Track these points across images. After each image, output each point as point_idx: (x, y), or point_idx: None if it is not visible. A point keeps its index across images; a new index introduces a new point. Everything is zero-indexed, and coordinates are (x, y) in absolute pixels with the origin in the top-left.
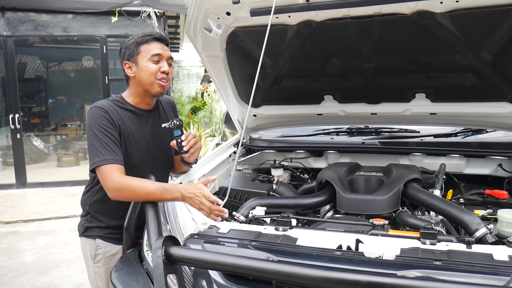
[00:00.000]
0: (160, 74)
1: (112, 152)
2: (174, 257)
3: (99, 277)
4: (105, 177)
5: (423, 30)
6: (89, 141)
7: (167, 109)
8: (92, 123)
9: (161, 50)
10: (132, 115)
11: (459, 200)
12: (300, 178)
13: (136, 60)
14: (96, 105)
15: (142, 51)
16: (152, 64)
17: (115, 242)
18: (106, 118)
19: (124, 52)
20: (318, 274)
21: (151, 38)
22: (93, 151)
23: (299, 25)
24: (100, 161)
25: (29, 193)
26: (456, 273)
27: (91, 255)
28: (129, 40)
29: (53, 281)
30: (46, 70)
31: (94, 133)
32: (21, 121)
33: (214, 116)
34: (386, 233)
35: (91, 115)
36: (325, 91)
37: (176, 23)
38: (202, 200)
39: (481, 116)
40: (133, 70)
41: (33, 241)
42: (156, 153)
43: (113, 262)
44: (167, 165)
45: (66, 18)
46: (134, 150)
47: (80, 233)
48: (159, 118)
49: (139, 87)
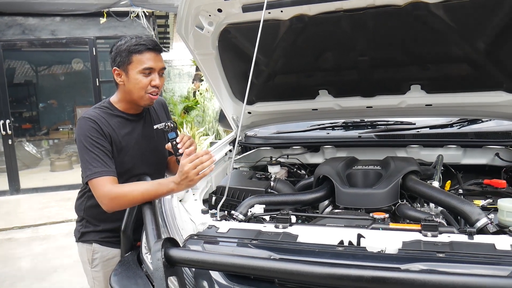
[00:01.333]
0: (150, 88)
1: (104, 164)
2: (174, 259)
3: (98, 282)
4: (97, 190)
5: (417, 21)
6: (80, 154)
7: (158, 110)
8: (82, 136)
9: (154, 63)
10: (122, 120)
11: (458, 190)
12: (297, 174)
13: (127, 70)
14: (84, 116)
15: (134, 62)
16: (143, 77)
17: (112, 246)
18: (96, 129)
19: (114, 57)
20: (321, 271)
21: (144, 48)
22: (84, 164)
23: (291, 19)
24: (92, 174)
25: (23, 199)
26: (460, 264)
27: (89, 260)
28: (121, 45)
29: (51, 287)
30: (35, 74)
31: (84, 145)
32: (12, 127)
33: (207, 115)
34: (387, 227)
35: (80, 127)
36: (320, 86)
37: (165, 23)
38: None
39: (476, 106)
40: (122, 78)
41: (29, 247)
42: (150, 156)
43: (111, 266)
44: (162, 166)
45: (53, 21)
46: (127, 156)
47: (76, 239)
48: (151, 120)
49: (128, 96)
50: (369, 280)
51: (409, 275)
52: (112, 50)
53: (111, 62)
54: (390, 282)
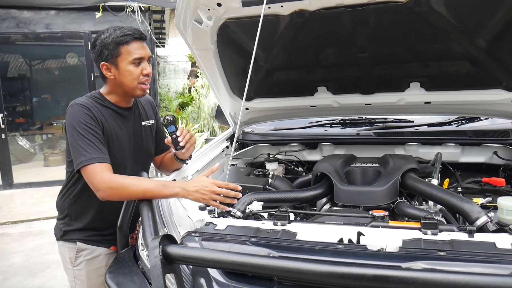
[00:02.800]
0: (142, 77)
1: (99, 151)
2: (172, 256)
3: (80, 281)
4: (93, 177)
5: (418, 18)
6: (72, 140)
7: (146, 107)
8: (75, 122)
9: (143, 51)
10: (113, 113)
11: (456, 189)
12: (294, 171)
13: (116, 62)
14: (76, 103)
15: (123, 53)
16: (134, 67)
17: (97, 244)
18: (89, 116)
19: (100, 51)
20: (322, 269)
21: (131, 38)
22: (78, 151)
23: (292, 15)
24: (86, 160)
25: (16, 194)
26: (461, 263)
27: (71, 259)
28: (106, 38)
29: (45, 283)
30: (29, 68)
31: (78, 131)
32: (6, 121)
33: (202, 111)
34: (387, 225)
35: (72, 113)
36: (319, 83)
37: (161, 18)
38: (214, 189)
39: (476, 104)
40: (112, 72)
41: (22, 242)
42: (138, 152)
43: (94, 265)
44: (148, 163)
45: (48, 15)
46: (117, 149)
47: (58, 237)
48: (139, 116)
49: (119, 88)
50: (371, 279)
51: (411, 273)
52: (95, 45)
53: (97, 57)
54: (392, 281)
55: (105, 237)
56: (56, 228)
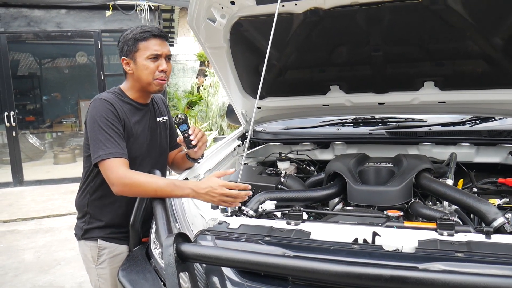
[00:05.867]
0: (158, 73)
1: (118, 146)
2: (186, 255)
3: (103, 279)
4: (110, 171)
5: (434, 16)
6: (93, 134)
7: (160, 104)
8: (97, 116)
9: (160, 48)
10: (132, 108)
11: (472, 189)
12: (306, 170)
13: (134, 58)
14: (100, 97)
15: (140, 49)
16: (150, 63)
17: (118, 242)
18: (112, 111)
19: (122, 47)
20: (339, 269)
21: (149, 35)
22: (97, 144)
23: (306, 13)
24: (105, 154)
25: (26, 191)
26: (479, 264)
27: (93, 258)
28: (127, 34)
29: (55, 280)
30: (39, 67)
31: (99, 125)
32: (16, 119)
33: (211, 110)
34: (402, 225)
35: (95, 107)
36: (332, 81)
37: (170, 17)
38: (224, 191)
39: (491, 104)
40: (131, 66)
41: (33, 239)
42: (153, 148)
43: (117, 263)
44: (163, 160)
45: (59, 14)
46: (135, 144)
47: (78, 237)
48: (155, 113)
49: (137, 84)
50: (388, 279)
51: (429, 275)
52: (119, 41)
53: (119, 52)
54: (410, 282)
55: (126, 235)
56: (77, 227)
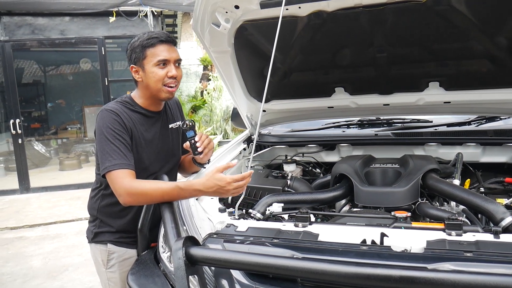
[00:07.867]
0: (167, 80)
1: (124, 157)
2: (195, 258)
3: (113, 283)
4: (115, 182)
5: (438, 17)
6: (100, 146)
7: (173, 110)
8: (103, 127)
9: (168, 54)
10: (142, 117)
11: (479, 189)
12: (312, 172)
13: (143, 65)
14: (106, 108)
15: (148, 56)
16: (158, 69)
17: (127, 246)
18: (118, 122)
19: (130, 55)
20: (348, 270)
21: (156, 41)
22: (104, 156)
23: (309, 16)
24: (111, 166)
25: (33, 198)
26: (489, 264)
27: (103, 261)
28: (135, 42)
29: (63, 286)
30: (44, 74)
31: (106, 137)
32: (22, 126)
33: (215, 114)
34: (410, 226)
35: (102, 119)
36: (336, 83)
37: (173, 22)
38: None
39: (497, 103)
40: (140, 74)
41: (40, 246)
42: (165, 154)
43: (126, 266)
44: (176, 165)
45: (63, 21)
46: (145, 153)
47: (89, 240)
48: (167, 119)
49: (147, 91)
50: (398, 280)
51: (439, 275)
52: (127, 49)
53: (128, 60)
54: (419, 282)
55: (135, 239)
56: (88, 231)
